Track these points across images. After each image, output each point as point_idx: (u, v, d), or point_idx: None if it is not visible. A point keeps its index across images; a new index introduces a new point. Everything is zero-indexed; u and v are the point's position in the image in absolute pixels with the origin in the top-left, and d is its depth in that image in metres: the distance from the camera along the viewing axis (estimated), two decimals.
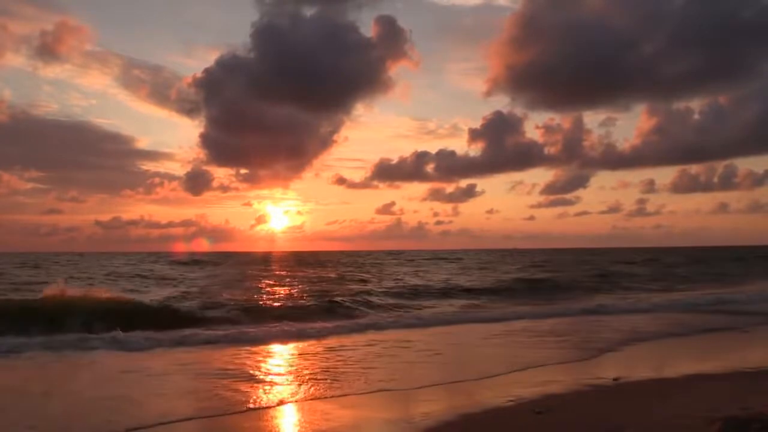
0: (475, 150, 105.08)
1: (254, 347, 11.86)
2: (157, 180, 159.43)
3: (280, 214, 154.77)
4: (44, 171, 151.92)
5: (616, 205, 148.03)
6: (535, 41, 67.75)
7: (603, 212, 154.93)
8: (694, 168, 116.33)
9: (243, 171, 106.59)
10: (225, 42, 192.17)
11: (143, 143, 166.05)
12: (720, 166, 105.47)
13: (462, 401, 7.42)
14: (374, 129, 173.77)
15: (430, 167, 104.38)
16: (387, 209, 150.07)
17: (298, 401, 7.56)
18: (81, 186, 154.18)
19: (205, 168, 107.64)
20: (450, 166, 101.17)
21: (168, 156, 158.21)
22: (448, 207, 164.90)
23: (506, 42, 72.45)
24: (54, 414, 7.05)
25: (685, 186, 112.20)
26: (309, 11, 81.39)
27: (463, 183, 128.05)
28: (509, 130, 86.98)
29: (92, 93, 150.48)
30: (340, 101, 75.39)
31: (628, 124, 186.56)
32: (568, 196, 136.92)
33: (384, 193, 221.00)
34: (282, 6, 74.03)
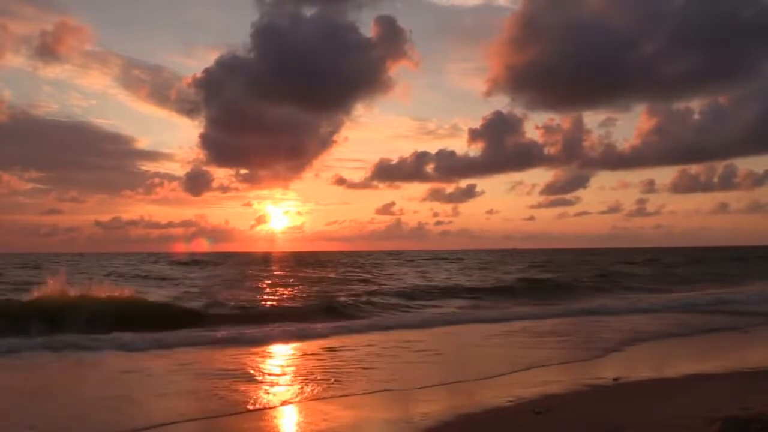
0: (475, 150, 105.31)
1: (255, 348, 11.86)
2: (157, 180, 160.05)
3: (280, 215, 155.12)
4: (44, 171, 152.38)
5: (616, 206, 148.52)
6: (535, 41, 67.83)
7: (603, 212, 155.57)
8: (694, 168, 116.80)
9: (243, 171, 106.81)
10: (225, 42, 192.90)
11: (143, 143, 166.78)
12: (720, 166, 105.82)
13: (462, 401, 7.43)
14: (374, 129, 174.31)
15: (430, 167, 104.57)
16: (387, 209, 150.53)
17: (299, 402, 7.56)
18: (81, 186, 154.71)
19: (205, 168, 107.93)
20: (450, 167, 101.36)
21: (168, 156, 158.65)
22: (448, 207, 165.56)
23: (506, 42, 72.55)
24: (54, 414, 7.05)
25: (685, 186, 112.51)
26: (309, 11, 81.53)
27: (463, 183, 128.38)
28: (509, 131, 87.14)
29: (92, 93, 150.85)
30: (340, 101, 75.55)
31: (628, 125, 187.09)
32: (568, 197, 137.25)
33: (384, 194, 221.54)
34: (282, 6, 74.18)
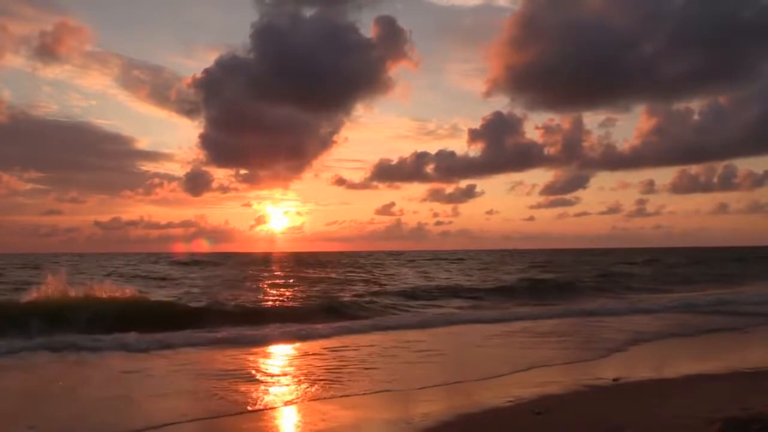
0: (475, 150, 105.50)
1: (255, 348, 11.87)
2: (157, 181, 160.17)
3: (280, 215, 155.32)
4: (44, 172, 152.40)
5: (616, 206, 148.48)
6: (535, 42, 67.95)
7: (603, 213, 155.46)
8: (694, 168, 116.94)
9: (243, 171, 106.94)
10: (225, 42, 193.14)
11: (143, 144, 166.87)
12: (720, 167, 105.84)
13: (461, 402, 7.43)
14: (374, 129, 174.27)
15: (430, 168, 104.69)
16: (387, 210, 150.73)
17: (299, 402, 7.57)
18: (80, 187, 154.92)
19: (205, 169, 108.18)
20: (450, 167, 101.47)
21: (168, 157, 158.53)
22: (448, 207, 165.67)
23: (506, 42, 72.73)
24: (55, 415, 7.06)
25: (685, 186, 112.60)
26: (309, 12, 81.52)
27: (463, 183, 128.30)
28: (509, 131, 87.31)
29: (92, 93, 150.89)
30: (340, 102, 75.67)
31: (628, 125, 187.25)
32: (568, 197, 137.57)
33: (384, 194, 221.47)
34: (282, 6, 74.24)
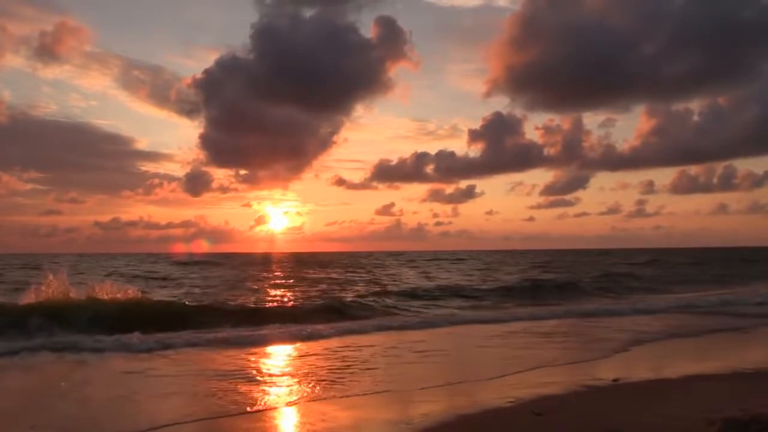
0: (475, 151, 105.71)
1: (255, 348, 11.87)
2: (157, 181, 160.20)
3: (280, 215, 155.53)
4: (43, 172, 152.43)
5: (616, 206, 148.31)
6: (535, 42, 68.05)
7: (602, 213, 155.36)
8: (694, 169, 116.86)
9: (242, 172, 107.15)
10: (225, 43, 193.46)
11: (143, 144, 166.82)
12: (719, 167, 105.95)
13: (461, 402, 7.43)
14: (374, 130, 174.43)
15: (430, 168, 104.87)
16: (386, 210, 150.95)
17: (300, 403, 7.57)
18: (80, 187, 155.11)
19: (205, 169, 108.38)
20: (450, 167, 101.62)
21: (167, 157, 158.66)
22: (448, 208, 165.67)
23: (506, 43, 72.88)
24: (56, 415, 7.06)
25: (685, 187, 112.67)
26: (309, 12, 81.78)
27: (463, 184, 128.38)
28: (509, 131, 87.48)
29: (92, 94, 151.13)
30: (340, 102, 75.82)
31: (628, 125, 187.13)
32: (568, 197, 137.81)
33: (383, 194, 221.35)
34: (282, 7, 74.38)
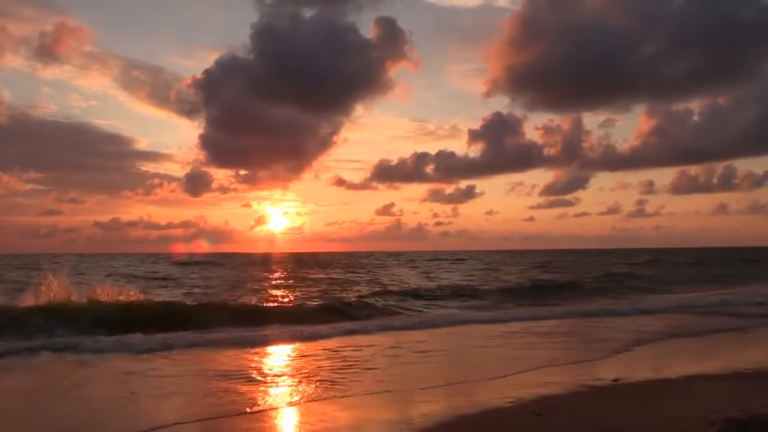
0: (475, 151, 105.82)
1: (256, 349, 11.87)
2: (157, 181, 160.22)
3: (280, 215, 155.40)
4: (43, 172, 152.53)
5: (616, 206, 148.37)
6: (535, 42, 68.08)
7: (602, 213, 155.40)
8: (694, 169, 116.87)
9: (242, 172, 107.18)
10: (225, 43, 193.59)
11: (143, 144, 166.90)
12: (719, 167, 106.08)
13: (461, 402, 7.43)
14: (374, 130, 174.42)
15: (430, 168, 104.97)
16: (386, 210, 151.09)
17: (300, 403, 7.57)
18: (80, 187, 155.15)
19: (205, 169, 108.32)
20: (449, 167, 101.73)
21: (167, 157, 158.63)
22: (448, 208, 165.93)
23: (506, 43, 72.91)
24: (56, 415, 7.07)
25: (685, 187, 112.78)
26: (309, 12, 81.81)
27: (463, 184, 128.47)
28: (509, 131, 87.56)
29: (92, 94, 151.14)
30: (340, 102, 75.87)
31: (628, 125, 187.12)
32: (568, 197, 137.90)
33: (383, 194, 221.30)
34: (282, 7, 74.40)
